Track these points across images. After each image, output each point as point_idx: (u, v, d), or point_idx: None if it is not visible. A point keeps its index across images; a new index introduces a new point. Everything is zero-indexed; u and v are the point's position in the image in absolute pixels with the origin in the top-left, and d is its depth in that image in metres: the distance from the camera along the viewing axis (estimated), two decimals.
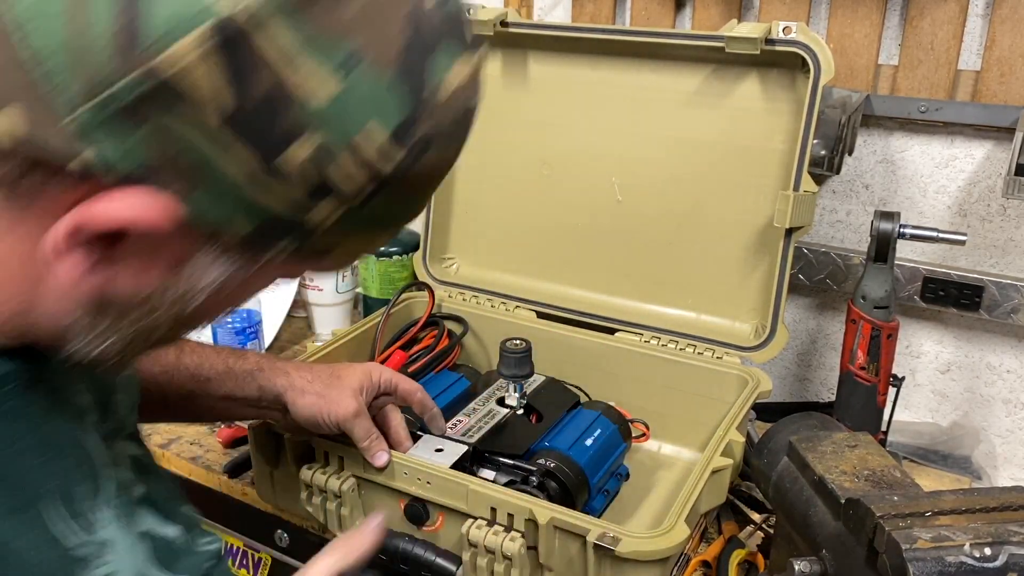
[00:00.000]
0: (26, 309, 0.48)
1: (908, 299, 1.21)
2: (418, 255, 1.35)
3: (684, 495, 0.85)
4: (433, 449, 0.95)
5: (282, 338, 1.50)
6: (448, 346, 1.22)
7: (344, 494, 0.92)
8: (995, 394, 1.25)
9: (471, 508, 0.86)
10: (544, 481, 0.92)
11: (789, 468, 0.87)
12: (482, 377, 1.18)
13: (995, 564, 0.62)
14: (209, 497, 1.17)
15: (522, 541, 0.83)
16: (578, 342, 1.22)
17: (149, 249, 0.45)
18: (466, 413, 1.05)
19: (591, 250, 1.26)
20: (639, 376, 1.18)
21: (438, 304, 1.30)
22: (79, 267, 0.45)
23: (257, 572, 1.19)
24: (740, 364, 1.13)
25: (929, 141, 1.19)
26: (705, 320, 1.20)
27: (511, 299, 1.30)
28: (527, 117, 1.27)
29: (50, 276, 0.45)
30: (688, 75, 1.15)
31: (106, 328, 0.49)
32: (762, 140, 1.12)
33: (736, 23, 1.06)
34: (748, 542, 1.00)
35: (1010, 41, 1.09)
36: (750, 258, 1.16)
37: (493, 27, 1.21)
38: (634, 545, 0.78)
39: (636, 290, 1.24)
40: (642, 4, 1.30)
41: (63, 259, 0.44)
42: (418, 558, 0.90)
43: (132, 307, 0.48)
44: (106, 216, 0.42)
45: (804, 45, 1.03)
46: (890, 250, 1.05)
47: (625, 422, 1.09)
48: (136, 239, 0.44)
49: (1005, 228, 1.18)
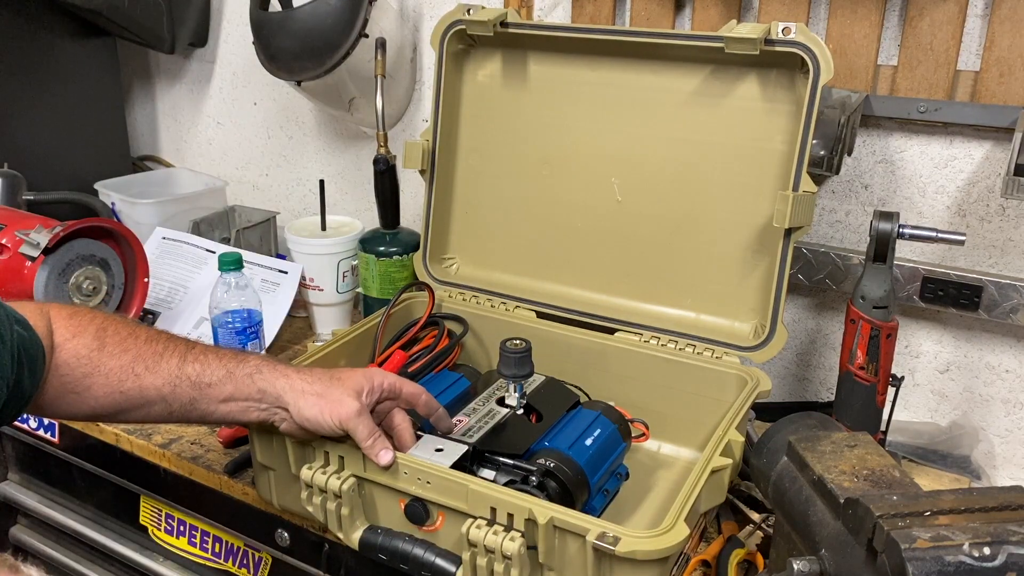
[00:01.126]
0: None
1: (907, 299, 1.21)
2: (418, 255, 1.35)
3: (683, 495, 0.85)
4: (433, 449, 0.95)
5: (282, 338, 1.50)
6: (448, 346, 1.22)
7: (344, 494, 0.92)
8: (994, 394, 1.25)
9: (471, 508, 0.86)
10: (544, 481, 0.92)
11: (788, 468, 0.87)
12: (482, 377, 1.18)
13: (994, 563, 0.62)
14: (209, 497, 1.17)
15: (522, 541, 0.83)
16: (578, 342, 1.22)
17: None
18: (466, 413, 1.05)
19: (591, 250, 1.26)
20: (639, 376, 1.18)
21: (438, 304, 1.30)
22: None
23: (257, 572, 1.19)
24: (739, 364, 1.13)
25: (928, 141, 1.20)
26: (705, 320, 1.20)
27: (511, 299, 1.30)
28: (527, 117, 1.27)
29: None
30: (688, 75, 1.15)
31: None
32: (761, 140, 1.12)
33: (736, 24, 1.06)
34: (748, 542, 1.01)
35: (1009, 41, 1.09)
36: (749, 258, 1.16)
37: (493, 27, 1.21)
38: (633, 545, 0.78)
39: (636, 290, 1.24)
40: (642, 5, 1.31)
41: None
42: (418, 558, 0.90)
43: None
44: None
45: (803, 46, 1.03)
46: (889, 250, 1.06)
47: (625, 422, 1.09)
48: None
49: (1004, 228, 1.18)
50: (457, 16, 1.24)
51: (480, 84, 1.30)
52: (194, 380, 0.88)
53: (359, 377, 0.92)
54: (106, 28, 1.75)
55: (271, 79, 1.59)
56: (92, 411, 0.88)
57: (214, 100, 1.91)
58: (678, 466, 1.15)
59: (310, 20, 1.38)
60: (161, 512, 1.28)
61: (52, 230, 1.18)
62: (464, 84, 1.31)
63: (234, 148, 1.92)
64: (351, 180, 1.76)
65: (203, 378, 0.88)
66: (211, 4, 1.82)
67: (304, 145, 1.80)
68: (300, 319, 1.57)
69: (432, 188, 1.32)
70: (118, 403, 0.87)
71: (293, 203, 1.86)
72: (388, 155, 1.37)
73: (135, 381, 0.87)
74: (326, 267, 1.46)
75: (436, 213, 1.34)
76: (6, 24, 1.63)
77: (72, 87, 1.77)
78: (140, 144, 2.06)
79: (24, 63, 1.67)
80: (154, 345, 0.89)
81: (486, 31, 1.22)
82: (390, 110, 1.52)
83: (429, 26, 1.55)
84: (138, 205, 1.64)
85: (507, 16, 1.22)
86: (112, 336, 0.88)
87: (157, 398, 0.88)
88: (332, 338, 1.19)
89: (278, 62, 1.46)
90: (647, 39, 1.14)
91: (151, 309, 1.46)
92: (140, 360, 0.87)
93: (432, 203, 1.33)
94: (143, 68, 2.00)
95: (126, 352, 0.87)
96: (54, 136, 1.75)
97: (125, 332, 0.89)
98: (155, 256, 1.54)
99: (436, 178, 1.32)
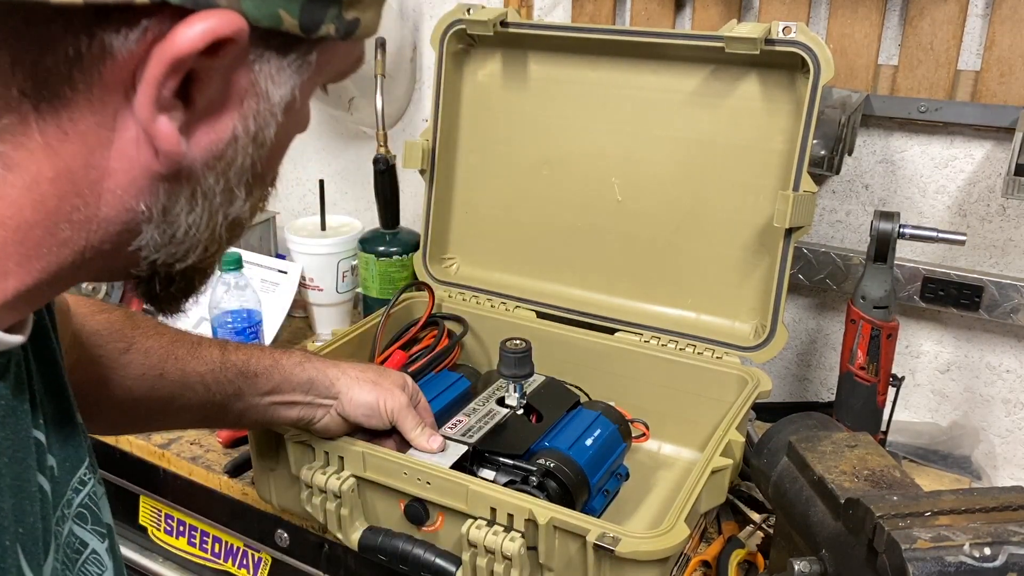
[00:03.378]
0: (90, 217, 0.43)
1: (908, 299, 1.21)
2: (418, 255, 1.35)
3: (684, 495, 0.84)
4: None
5: (282, 338, 1.50)
6: (448, 346, 1.22)
7: (344, 494, 0.92)
8: (995, 394, 1.25)
9: (471, 508, 0.86)
10: (544, 481, 0.92)
11: (789, 468, 0.87)
12: (482, 377, 1.18)
13: (995, 564, 0.62)
14: (209, 497, 1.17)
15: (522, 541, 0.83)
16: (578, 342, 1.22)
17: (222, 82, 0.42)
18: (466, 413, 1.04)
19: (591, 250, 1.26)
20: (639, 376, 1.18)
21: (438, 304, 1.30)
22: (171, 128, 0.42)
23: (257, 572, 1.19)
24: (740, 364, 1.13)
25: (929, 141, 1.20)
26: (705, 320, 1.20)
27: (511, 299, 1.30)
28: (527, 117, 1.27)
29: (139, 152, 0.42)
30: (688, 75, 1.15)
31: (183, 207, 0.45)
32: (762, 140, 1.12)
33: (736, 23, 1.06)
34: (748, 542, 1.01)
35: (1010, 41, 1.09)
36: (750, 258, 1.16)
37: (493, 27, 1.21)
38: (634, 545, 0.78)
39: (636, 290, 1.24)
40: (642, 4, 1.30)
41: (159, 121, 0.41)
42: (417, 559, 0.90)
43: (209, 168, 0.45)
44: (191, 42, 0.39)
45: (804, 45, 1.03)
46: (890, 250, 1.05)
47: (625, 422, 1.08)
48: (213, 72, 0.41)
49: (1005, 228, 1.18)
50: (457, 16, 1.24)
51: (480, 84, 1.30)
52: (240, 368, 0.83)
53: (399, 375, 0.95)
54: None
55: None
56: (120, 401, 0.77)
57: None
58: (678, 466, 1.15)
59: None
60: (161, 512, 1.28)
61: None
62: (464, 84, 1.31)
63: None
64: (351, 180, 1.76)
65: (249, 366, 0.84)
66: None
67: (304, 145, 1.80)
68: (300, 319, 1.57)
69: (432, 188, 1.32)
70: (155, 389, 0.78)
71: (293, 203, 1.86)
72: (388, 155, 1.37)
73: (175, 364, 0.79)
74: (326, 267, 1.46)
75: (436, 213, 1.34)
76: None
77: None
78: None
79: None
80: (188, 335, 0.83)
81: (486, 31, 1.22)
82: (390, 110, 1.51)
83: (429, 26, 1.55)
84: None
85: (507, 16, 1.22)
86: (141, 319, 0.80)
87: (200, 385, 0.80)
88: (332, 338, 1.19)
89: None
90: (647, 39, 1.14)
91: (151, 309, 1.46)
92: (180, 343, 0.81)
93: (432, 203, 1.33)
94: None
95: (162, 335, 0.80)
96: None
97: (151, 320, 0.81)
98: None
99: (436, 178, 1.32)
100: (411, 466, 0.89)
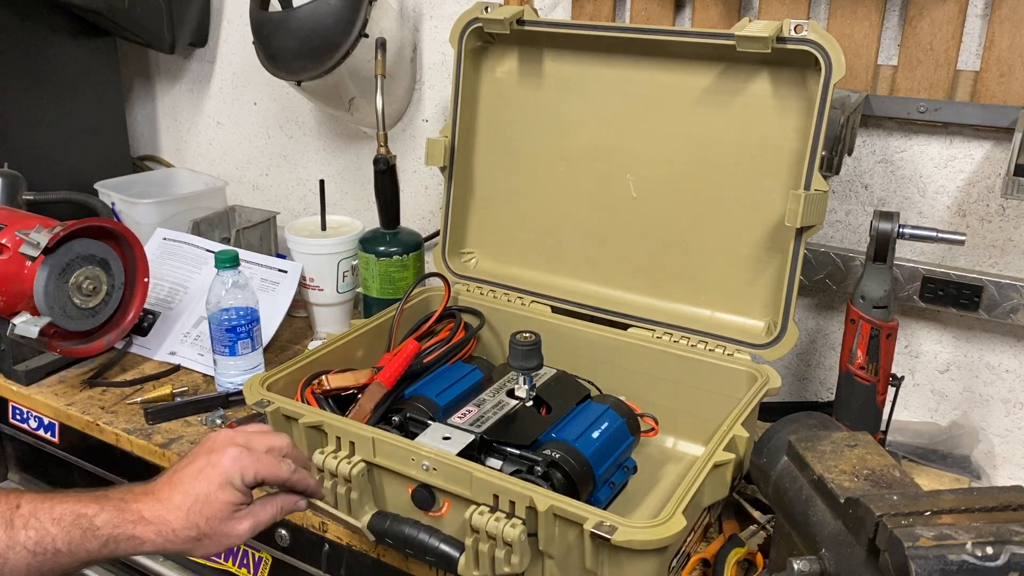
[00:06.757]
0: None
1: (907, 299, 1.21)
2: (437, 249, 1.37)
3: (684, 487, 0.85)
4: (440, 437, 0.97)
5: (282, 338, 1.50)
6: (464, 338, 1.24)
7: (354, 478, 0.94)
8: (994, 394, 1.25)
9: (474, 494, 0.87)
10: (549, 471, 0.93)
11: (789, 467, 0.87)
12: (496, 369, 1.20)
13: (997, 563, 0.62)
14: None
15: (522, 528, 0.84)
16: (591, 337, 1.23)
17: None
18: (476, 403, 1.06)
19: (606, 246, 1.27)
20: (650, 371, 1.18)
21: (454, 297, 1.32)
22: None
23: (257, 572, 1.19)
24: (751, 361, 1.13)
25: (928, 141, 1.20)
26: (718, 317, 1.20)
27: (527, 293, 1.31)
28: (543, 114, 1.28)
29: None
30: (700, 73, 1.15)
31: None
32: (773, 138, 1.12)
33: (748, 22, 1.06)
34: (750, 542, 1.01)
35: (1009, 41, 1.09)
36: (762, 256, 1.16)
37: (510, 25, 1.22)
38: (630, 534, 0.78)
39: (650, 286, 1.25)
40: (642, 4, 1.31)
41: None
42: (423, 543, 0.92)
43: None
44: None
45: (816, 43, 1.03)
46: (889, 250, 1.06)
47: (634, 416, 1.09)
48: None
49: (1004, 228, 1.18)
50: (475, 14, 1.25)
51: (498, 81, 1.31)
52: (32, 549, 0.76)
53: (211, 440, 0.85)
54: (106, 28, 1.75)
55: (271, 79, 1.59)
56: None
57: (214, 100, 1.91)
58: (687, 461, 1.15)
59: (310, 20, 1.39)
60: None
61: (52, 230, 1.17)
62: (482, 81, 1.32)
63: (234, 148, 1.92)
64: (351, 180, 1.76)
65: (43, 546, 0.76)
66: (211, 4, 1.82)
67: (304, 145, 1.80)
68: (300, 319, 1.57)
69: (451, 184, 1.34)
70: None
71: (293, 203, 1.86)
72: (388, 155, 1.37)
73: None
74: (326, 267, 1.46)
75: (455, 208, 1.35)
76: (6, 24, 1.63)
77: (72, 87, 1.77)
78: (140, 144, 2.06)
79: (24, 63, 1.67)
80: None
81: (503, 29, 1.23)
82: (390, 110, 1.52)
83: (429, 26, 1.55)
84: (138, 205, 1.64)
85: (523, 14, 1.22)
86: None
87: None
88: (329, 338, 1.19)
89: (278, 62, 1.46)
90: (661, 36, 1.14)
91: (151, 309, 1.46)
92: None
93: (451, 198, 1.34)
94: (143, 68, 2.00)
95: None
96: (54, 136, 1.75)
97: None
98: (156, 256, 1.54)
99: (455, 174, 1.33)
100: (419, 452, 0.91)
